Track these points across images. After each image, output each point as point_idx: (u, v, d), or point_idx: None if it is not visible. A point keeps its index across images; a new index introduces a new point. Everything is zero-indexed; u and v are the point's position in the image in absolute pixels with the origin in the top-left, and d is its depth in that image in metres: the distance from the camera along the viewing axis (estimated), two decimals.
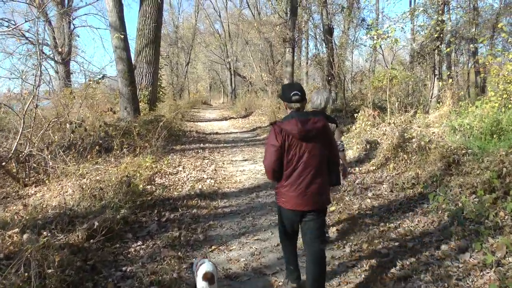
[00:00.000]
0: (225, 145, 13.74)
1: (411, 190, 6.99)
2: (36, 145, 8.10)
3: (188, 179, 8.64)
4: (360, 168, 9.00)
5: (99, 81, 10.72)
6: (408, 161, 8.29)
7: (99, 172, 7.91)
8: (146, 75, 19.33)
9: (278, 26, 20.23)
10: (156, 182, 8.21)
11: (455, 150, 7.73)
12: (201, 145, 13.35)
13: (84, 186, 6.74)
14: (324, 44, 21.62)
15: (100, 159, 9.18)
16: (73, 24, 28.63)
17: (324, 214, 4.13)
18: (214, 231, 5.96)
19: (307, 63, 32.74)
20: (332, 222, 6.12)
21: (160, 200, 7.09)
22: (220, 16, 45.90)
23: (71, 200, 6.48)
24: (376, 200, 6.85)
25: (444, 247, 4.78)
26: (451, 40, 16.04)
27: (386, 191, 7.29)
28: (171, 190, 7.79)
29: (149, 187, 7.65)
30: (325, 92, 5.31)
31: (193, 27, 44.45)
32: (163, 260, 4.91)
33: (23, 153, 8.05)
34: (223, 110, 34.81)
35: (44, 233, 4.74)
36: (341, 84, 19.09)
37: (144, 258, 4.95)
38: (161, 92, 23.79)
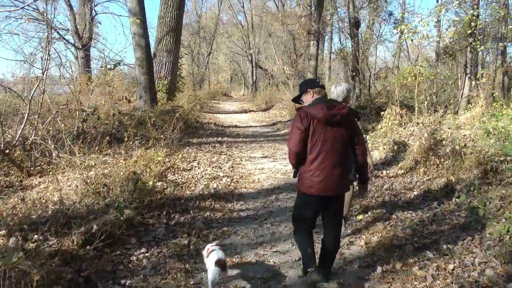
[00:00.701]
0: (244, 139, 13.09)
1: (445, 199, 6.27)
2: (40, 133, 7.54)
3: (203, 176, 7.98)
4: (388, 172, 8.29)
5: (114, 67, 10.13)
6: (440, 165, 7.58)
7: (107, 165, 7.36)
8: (165, 63, 18.90)
9: (303, 18, 19.47)
10: (168, 178, 7.58)
11: (493, 157, 6.99)
12: (219, 138, 12.72)
13: (88, 181, 6.18)
14: (349, 38, 20.81)
15: (110, 150, 8.64)
16: (95, 11, 28.26)
17: (343, 203, 4.16)
18: (228, 239, 5.31)
19: (330, 57, 32.01)
20: (360, 234, 5.44)
21: (170, 200, 6.46)
22: (243, 7, 45.26)
23: (74, 195, 5.94)
24: (407, 210, 6.13)
25: (489, 271, 4.11)
26: (479, 37, 15.12)
27: (417, 199, 6.61)
28: (184, 188, 7.14)
29: (159, 183, 7.02)
30: (344, 84, 5.26)
31: (215, 17, 43.81)
32: (168, 273, 4.28)
33: (28, 141, 7.52)
34: (243, 102, 34.15)
35: (35, 236, 4.16)
36: (365, 80, 18.34)
37: (147, 270, 4.33)
38: (180, 82, 23.27)
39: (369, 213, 6.09)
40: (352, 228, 5.64)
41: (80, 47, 27.85)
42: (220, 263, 3.73)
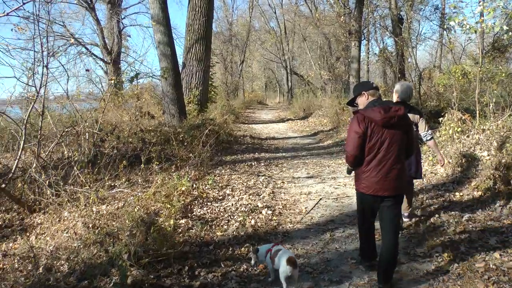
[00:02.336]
0: (284, 154, 11.55)
1: None
2: (40, 161, 6.26)
3: (238, 208, 6.43)
4: (461, 193, 6.57)
5: (132, 80, 8.78)
6: None
7: (120, 198, 6.01)
8: (196, 73, 17.77)
9: (342, 17, 17.83)
10: (194, 213, 6.10)
11: None
12: (256, 154, 11.25)
13: (91, 225, 4.83)
14: (391, 37, 19.01)
15: (129, 175, 7.34)
16: (122, 24, 27.52)
17: (401, 202, 4.09)
18: None
19: (367, 59, 30.39)
20: None
21: (195, 245, 4.98)
22: (275, 12, 44.09)
23: (74, 241, 4.61)
24: (506, 255, 4.42)
25: None
26: None
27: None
28: (213, 227, 5.61)
29: (183, 221, 5.58)
30: (407, 83, 5.42)
31: (247, 24, 42.61)
32: None
33: (27, 172, 6.25)
34: (279, 110, 32.73)
35: None
36: (412, 82, 16.58)
37: None
38: (212, 92, 22.01)
39: (458, 262, 4.41)
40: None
41: (109, 61, 27.23)
42: (291, 261, 3.87)
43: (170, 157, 9.05)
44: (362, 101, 3.98)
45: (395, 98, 5.36)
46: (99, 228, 4.80)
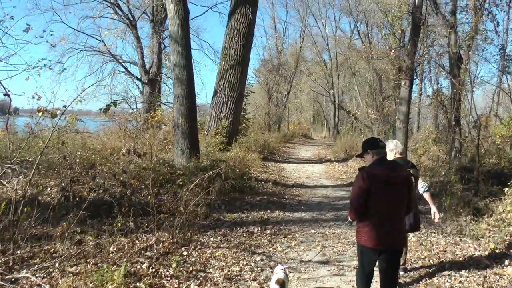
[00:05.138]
0: (303, 215, 9.20)
1: None
2: None
3: None
4: None
5: (106, 110, 6.82)
6: None
7: None
8: (227, 102, 16.20)
9: (392, 51, 15.49)
10: None
11: None
12: (268, 213, 9.04)
13: None
14: (449, 78, 16.40)
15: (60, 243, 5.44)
16: (163, 44, 26.31)
17: (400, 255, 4.24)
18: None
19: (419, 100, 27.85)
20: None
21: None
22: (328, 44, 42.15)
23: None
24: None
25: None
26: None
27: None
28: None
29: None
30: (396, 140, 5.78)
31: (296, 53, 40.76)
32: None
33: None
34: (321, 147, 30.39)
35: None
36: (469, 131, 14.15)
37: None
38: (244, 124, 20.10)
39: None
40: None
41: (146, 81, 25.97)
42: (279, 282, 4.40)
43: (150, 210, 7.06)
44: (368, 158, 4.19)
45: (392, 155, 5.43)
46: None
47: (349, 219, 4.41)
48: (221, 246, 6.55)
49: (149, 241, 6.40)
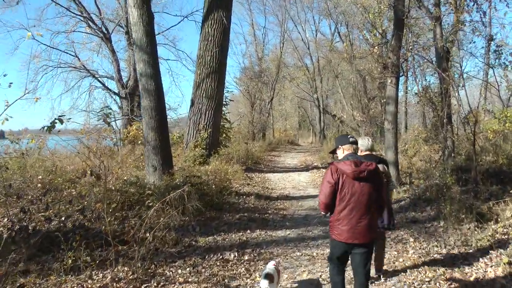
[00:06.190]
0: (288, 233, 8.21)
1: None
2: None
3: None
4: None
5: (49, 129, 5.90)
6: None
7: None
8: (205, 112, 15.23)
9: (376, 48, 14.64)
10: None
11: None
12: (247, 233, 8.01)
13: None
14: (438, 73, 15.60)
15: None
16: None
17: (372, 249, 4.35)
18: None
19: (405, 99, 27.05)
20: None
21: None
22: (309, 48, 41.41)
23: None
24: None
25: None
26: None
27: None
28: None
29: None
30: (367, 137, 5.86)
31: (277, 59, 39.92)
32: None
33: None
34: (308, 153, 29.43)
35: None
36: (464, 129, 13.24)
37: None
38: (224, 135, 19.09)
39: None
40: None
41: (124, 96, 24.93)
42: (268, 276, 4.54)
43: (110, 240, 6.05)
44: (339, 154, 4.37)
45: (363, 152, 5.57)
46: None
47: (322, 212, 4.39)
48: (189, 280, 5.54)
49: (105, 279, 5.42)
